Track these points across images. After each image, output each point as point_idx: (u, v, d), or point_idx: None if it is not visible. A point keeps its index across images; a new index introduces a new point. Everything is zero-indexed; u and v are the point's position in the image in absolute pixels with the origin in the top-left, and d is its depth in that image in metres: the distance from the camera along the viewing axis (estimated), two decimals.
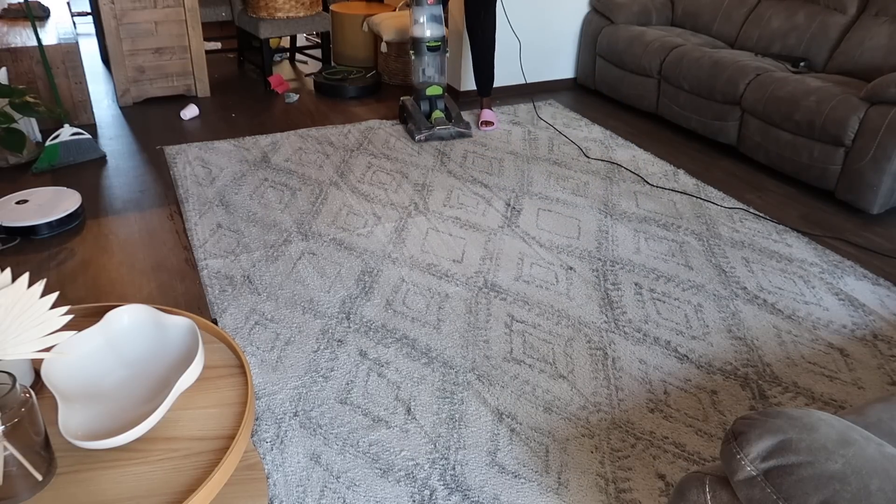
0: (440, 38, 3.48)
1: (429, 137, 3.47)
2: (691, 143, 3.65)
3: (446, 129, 3.49)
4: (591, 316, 2.20)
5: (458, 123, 3.55)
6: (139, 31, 3.78)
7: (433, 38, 3.45)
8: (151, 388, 1.18)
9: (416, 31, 3.45)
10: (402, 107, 3.67)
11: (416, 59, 3.50)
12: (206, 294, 2.23)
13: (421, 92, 3.58)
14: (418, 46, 3.47)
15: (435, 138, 3.48)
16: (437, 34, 3.46)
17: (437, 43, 3.47)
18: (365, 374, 1.90)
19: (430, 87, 3.54)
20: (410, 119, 3.54)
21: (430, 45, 3.45)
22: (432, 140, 3.47)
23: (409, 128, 3.55)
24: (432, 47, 3.46)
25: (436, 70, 3.54)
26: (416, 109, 3.58)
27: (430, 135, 3.46)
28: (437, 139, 3.48)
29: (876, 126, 2.74)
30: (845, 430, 0.94)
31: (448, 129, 3.50)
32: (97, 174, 3.08)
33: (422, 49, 3.47)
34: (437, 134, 3.47)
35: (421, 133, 3.45)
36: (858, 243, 2.71)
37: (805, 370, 2.00)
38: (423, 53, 3.48)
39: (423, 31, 3.44)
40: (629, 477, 1.62)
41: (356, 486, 1.56)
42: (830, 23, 3.42)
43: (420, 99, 3.60)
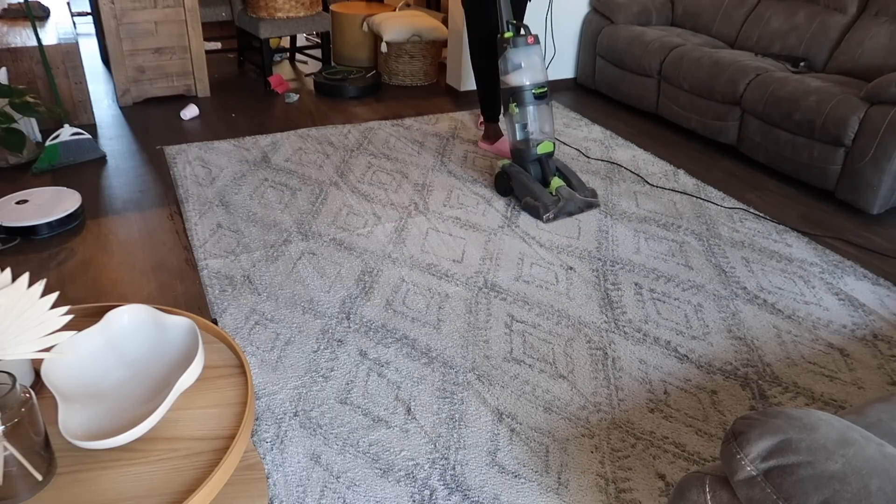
0: (545, 83, 2.83)
1: (559, 214, 2.77)
2: (691, 143, 3.65)
3: (575, 203, 2.80)
4: (591, 316, 2.20)
5: (582, 191, 2.86)
6: (139, 31, 3.78)
7: (538, 84, 2.80)
8: (151, 388, 1.18)
9: (515, 78, 2.78)
10: (504, 176, 2.92)
11: (518, 112, 2.81)
12: (206, 294, 2.23)
13: (528, 152, 2.85)
14: (520, 96, 2.79)
15: (564, 214, 2.79)
16: (541, 78, 2.82)
17: (543, 89, 2.81)
18: (365, 374, 1.90)
19: (542, 145, 2.83)
20: (524, 191, 2.82)
21: (536, 92, 2.79)
22: (561, 217, 2.79)
23: (526, 203, 2.81)
24: (539, 94, 2.80)
25: (545, 122, 2.86)
26: (528, 178, 2.83)
27: (559, 210, 2.76)
28: (566, 215, 2.80)
29: (876, 126, 2.74)
30: (845, 430, 0.94)
31: (577, 203, 2.80)
32: (97, 174, 3.08)
33: (526, 98, 2.78)
34: (566, 208, 2.78)
35: (549, 211, 2.74)
36: (858, 243, 2.71)
37: (805, 370, 2.00)
38: (527, 104, 2.79)
39: (524, 77, 2.78)
40: (629, 477, 1.62)
41: (356, 486, 1.56)
42: (830, 23, 3.42)
43: (526, 161, 2.87)
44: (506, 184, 2.92)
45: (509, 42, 2.77)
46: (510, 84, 2.81)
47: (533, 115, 2.81)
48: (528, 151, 2.84)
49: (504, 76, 2.82)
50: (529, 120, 2.81)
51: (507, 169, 2.91)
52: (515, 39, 2.76)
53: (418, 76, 4.50)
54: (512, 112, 2.83)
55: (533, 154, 2.85)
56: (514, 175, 2.87)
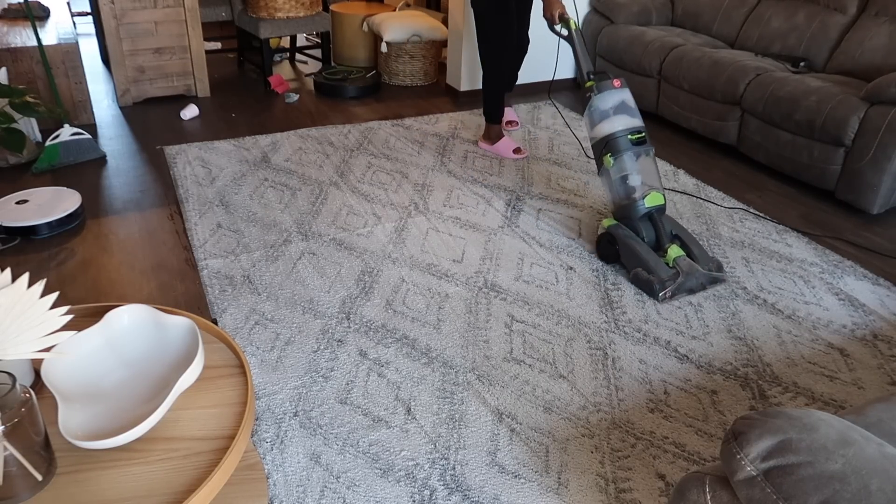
0: (643, 128, 2.46)
1: (677, 291, 2.29)
2: (691, 143, 3.65)
3: (697, 279, 2.32)
4: (591, 316, 2.20)
5: (705, 262, 2.36)
6: (139, 31, 3.78)
7: (634, 130, 2.43)
8: (151, 388, 1.18)
9: (607, 125, 2.44)
10: (610, 239, 2.44)
11: (615, 165, 2.41)
12: (206, 294, 2.23)
13: (634, 207, 2.39)
14: (615, 145, 2.41)
15: (685, 291, 2.31)
16: (638, 123, 2.46)
17: (641, 135, 2.43)
18: (365, 374, 1.90)
19: (650, 196, 2.39)
20: (634, 261, 2.36)
21: (633, 138, 2.41)
22: (680, 295, 2.31)
23: (639, 277, 2.34)
24: (637, 141, 2.42)
25: (647, 171, 2.44)
26: (639, 244, 2.36)
27: (678, 287, 2.28)
28: (686, 293, 2.32)
29: (876, 126, 2.74)
30: (845, 430, 0.94)
31: (699, 279, 2.33)
32: (97, 174, 3.08)
33: (622, 146, 2.40)
34: (687, 285, 2.30)
35: (665, 288, 2.27)
36: (858, 243, 2.71)
37: (805, 370, 2.00)
38: (624, 151, 2.40)
39: (616, 124, 2.43)
40: (629, 477, 1.62)
41: (356, 486, 1.56)
42: (830, 23, 3.42)
43: (634, 220, 2.40)
44: (611, 249, 2.45)
45: (594, 89, 2.48)
46: (601, 135, 2.46)
47: (632, 165, 2.41)
48: (636, 206, 2.40)
49: (593, 128, 2.50)
50: (629, 170, 2.41)
51: (612, 230, 2.44)
52: (599, 84, 2.47)
53: (418, 76, 4.50)
54: (608, 165, 2.44)
55: (641, 208, 2.39)
56: (621, 239, 2.39)
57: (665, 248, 2.36)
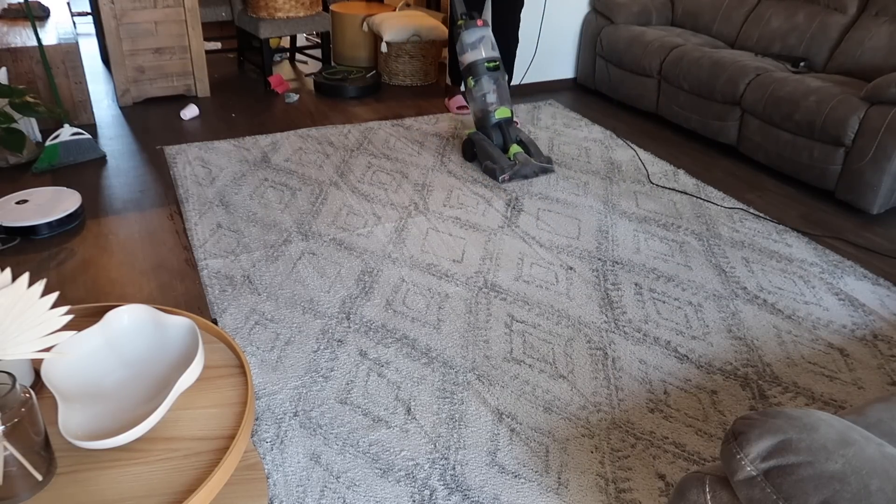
0: (497, 59, 3.22)
1: (514, 176, 3.10)
2: (691, 143, 3.65)
3: (530, 167, 3.12)
4: (591, 316, 2.20)
5: (539, 158, 3.20)
6: (139, 31, 3.78)
7: (491, 59, 3.20)
8: (151, 388, 1.18)
9: (471, 55, 3.20)
10: (469, 142, 3.28)
11: (475, 85, 3.20)
12: (206, 294, 2.23)
13: (488, 119, 3.22)
14: (476, 70, 3.19)
15: (519, 177, 3.12)
16: (493, 54, 3.22)
17: (495, 63, 3.20)
18: (365, 374, 1.90)
19: (500, 110, 3.19)
20: (485, 156, 3.16)
21: (489, 65, 3.18)
22: (517, 179, 3.12)
23: (486, 166, 3.15)
24: (492, 68, 3.19)
25: (500, 91, 3.23)
26: (489, 143, 3.19)
27: (514, 173, 3.08)
28: (521, 178, 3.13)
29: (876, 126, 2.74)
30: (845, 430, 0.94)
31: (532, 167, 3.12)
32: (97, 174, 3.08)
33: (480, 70, 3.18)
34: (521, 172, 3.10)
35: (504, 172, 3.07)
36: (858, 243, 2.71)
37: (805, 370, 2.00)
38: (482, 74, 3.18)
39: (478, 53, 3.19)
40: (629, 477, 1.62)
41: (356, 486, 1.56)
42: (830, 23, 3.42)
43: (488, 128, 3.22)
44: (470, 150, 3.28)
45: (462, 27, 3.24)
46: (466, 62, 3.23)
47: (489, 86, 3.20)
48: (489, 118, 3.22)
49: (461, 56, 3.25)
50: (486, 90, 3.20)
51: (472, 136, 3.27)
52: (467, 23, 3.22)
53: (418, 76, 4.50)
54: (470, 86, 3.23)
55: (492, 119, 3.21)
56: (477, 141, 3.23)
57: (508, 146, 3.20)
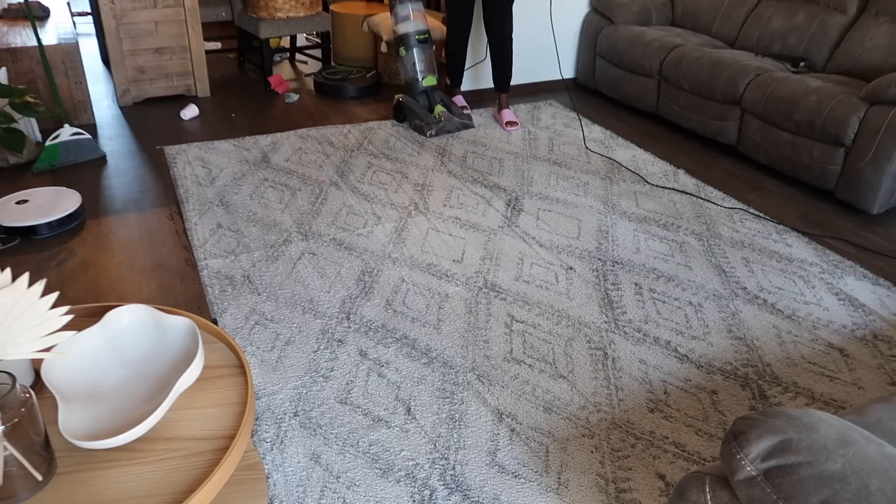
0: (427, 31, 3.60)
1: (439, 132, 3.52)
2: (691, 143, 3.65)
3: (452, 123, 3.56)
4: (591, 316, 2.20)
5: (460, 116, 3.64)
6: (139, 31, 3.78)
7: (420, 31, 3.57)
8: (151, 388, 1.18)
9: (403, 27, 3.56)
10: (399, 106, 3.66)
11: (406, 54, 3.58)
12: (206, 294, 2.23)
13: (417, 86, 3.63)
14: (407, 41, 3.57)
15: (444, 132, 3.54)
16: (423, 27, 3.58)
17: (424, 35, 3.58)
18: (365, 374, 1.90)
19: (427, 79, 3.61)
20: (414, 116, 3.57)
21: (419, 37, 3.56)
22: (442, 134, 3.54)
23: (415, 124, 3.56)
24: (422, 40, 3.57)
25: (427, 62, 3.61)
26: (417, 105, 3.61)
27: (440, 129, 3.51)
28: (446, 133, 3.55)
29: (876, 126, 2.74)
30: (845, 430, 0.94)
31: (454, 123, 3.58)
32: (97, 174, 3.08)
33: (411, 42, 3.56)
34: (446, 128, 3.53)
35: (431, 128, 3.49)
36: (858, 243, 2.71)
37: (805, 370, 2.00)
38: (412, 47, 3.56)
39: (409, 26, 3.56)
40: (629, 477, 1.62)
41: (356, 486, 1.56)
42: (830, 23, 3.42)
43: (417, 93, 3.64)
44: (401, 111, 3.65)
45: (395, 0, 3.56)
46: (399, 32, 3.57)
47: (418, 56, 3.58)
48: (417, 85, 3.63)
49: (394, 27, 3.58)
50: (416, 59, 3.58)
51: (401, 100, 3.65)
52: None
53: None
54: (402, 55, 3.61)
55: (420, 86, 3.63)
56: (406, 104, 3.61)
57: (433, 107, 3.63)
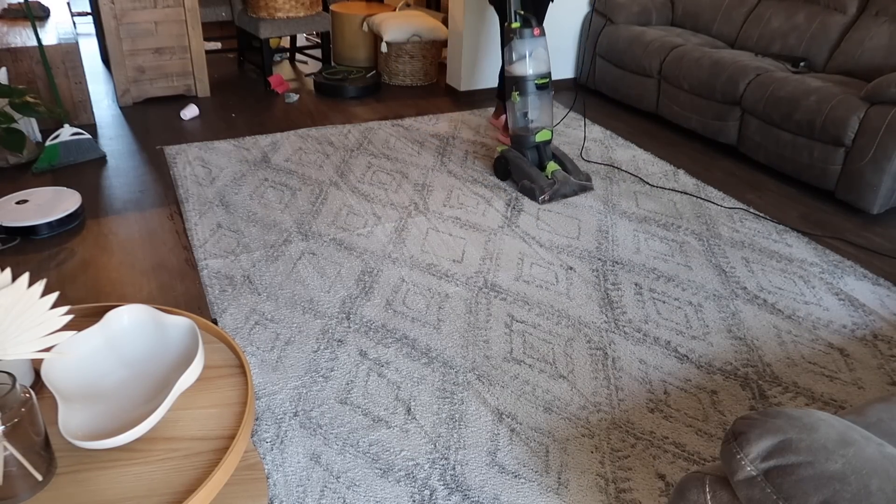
0: (548, 74, 2.96)
1: (553, 196, 2.92)
2: (691, 143, 3.65)
3: (570, 186, 2.96)
4: (591, 316, 2.20)
5: (577, 175, 3.03)
6: (139, 31, 3.78)
7: (540, 75, 2.93)
8: (151, 388, 1.18)
9: (519, 67, 2.92)
10: (503, 160, 3.06)
11: (519, 101, 2.95)
12: (206, 294, 2.23)
13: (526, 139, 3.00)
14: (523, 86, 2.93)
15: (559, 196, 2.94)
16: (544, 69, 2.95)
17: (545, 80, 2.95)
18: (365, 374, 1.90)
19: (541, 133, 2.98)
20: (521, 175, 2.98)
21: (538, 82, 2.92)
22: (556, 199, 2.94)
23: (523, 186, 2.97)
24: (541, 85, 2.93)
25: (544, 112, 2.99)
26: (525, 162, 2.99)
27: (553, 192, 2.91)
28: (560, 197, 2.95)
29: (876, 126, 2.74)
30: (845, 430, 0.94)
31: (571, 186, 2.96)
32: (97, 174, 3.08)
33: (527, 88, 2.92)
34: (561, 191, 2.93)
35: (544, 192, 2.89)
36: (858, 243, 2.71)
37: (805, 370, 2.00)
38: (528, 93, 2.93)
39: (527, 68, 2.91)
40: (629, 477, 1.62)
41: (356, 486, 1.56)
42: (830, 23, 3.42)
43: (525, 147, 3.02)
44: (504, 168, 3.07)
45: (516, 33, 2.87)
46: (514, 73, 2.93)
47: (533, 104, 2.94)
48: (527, 138, 2.99)
49: (509, 65, 2.95)
50: (530, 108, 2.95)
51: (505, 154, 3.05)
52: (522, 31, 2.86)
53: (418, 76, 4.50)
54: (514, 100, 2.96)
55: (531, 141, 2.99)
56: (511, 160, 3.01)
57: (545, 165, 2.99)
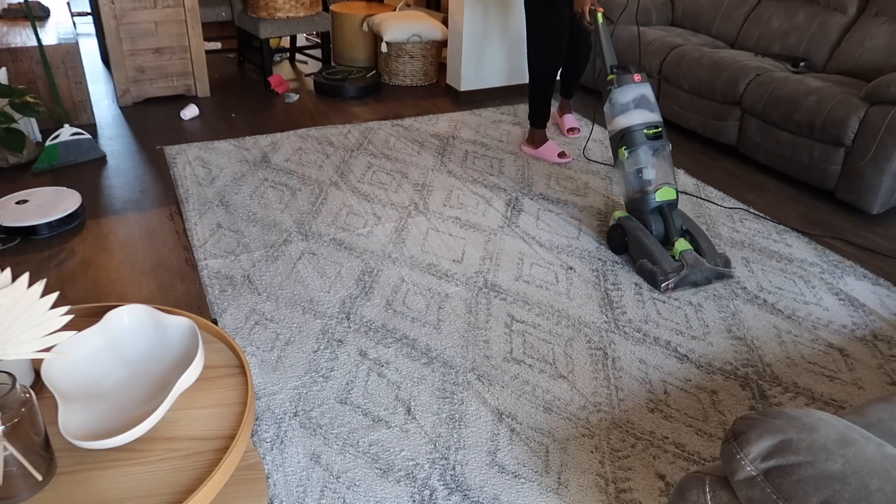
0: (660, 124, 2.50)
1: (680, 284, 2.34)
2: (691, 143, 3.65)
3: (702, 273, 2.35)
4: (591, 316, 2.20)
5: (712, 257, 2.39)
6: (139, 31, 3.78)
7: (651, 125, 2.47)
8: (151, 388, 1.18)
9: (625, 119, 2.48)
10: (619, 230, 2.50)
11: (629, 157, 2.46)
12: (206, 294, 2.23)
13: (646, 202, 2.44)
14: (632, 138, 2.45)
15: (688, 284, 2.35)
16: (654, 118, 2.49)
17: (657, 129, 2.47)
18: (365, 374, 1.90)
19: (662, 191, 2.42)
20: (641, 252, 2.41)
21: (648, 133, 2.45)
22: (684, 288, 2.36)
23: (643, 267, 2.39)
24: (653, 136, 2.46)
25: (661, 167, 2.46)
26: (646, 235, 2.41)
27: (681, 279, 2.33)
28: (690, 286, 2.36)
29: (876, 126, 2.74)
30: (845, 430, 0.94)
31: (704, 273, 2.35)
32: (97, 174, 3.08)
33: (638, 139, 2.45)
34: (691, 279, 2.34)
35: (668, 279, 2.32)
36: (858, 243, 2.71)
37: (805, 370, 2.00)
38: (640, 144, 2.45)
39: (634, 117, 2.47)
40: (629, 477, 1.62)
41: (356, 486, 1.56)
42: (830, 23, 3.42)
43: (646, 213, 2.44)
44: (620, 240, 2.51)
45: (613, 83, 2.52)
46: (618, 127, 2.51)
47: (647, 159, 2.45)
48: (647, 199, 2.44)
49: (611, 120, 2.54)
50: (643, 163, 2.45)
51: (622, 222, 2.49)
52: (620, 78, 2.52)
53: (418, 76, 4.50)
54: (622, 158, 2.49)
55: (652, 201, 2.43)
56: (630, 231, 2.45)
57: (673, 241, 2.41)
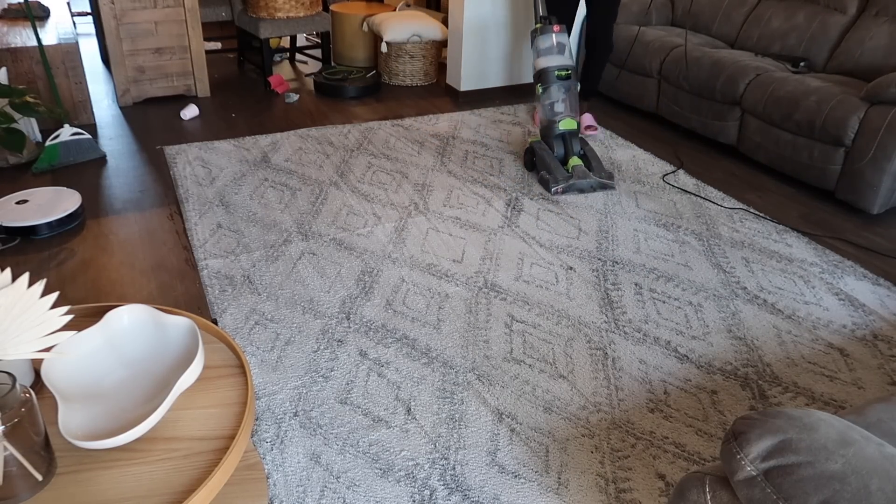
0: (570, 67, 3.11)
1: (567, 190, 2.99)
2: (691, 143, 3.65)
3: (587, 181, 2.99)
4: (591, 316, 2.20)
5: (599, 173, 3.04)
6: (139, 31, 3.78)
7: (563, 67, 3.08)
8: (151, 388, 1.18)
9: (543, 61, 3.10)
10: (530, 151, 3.18)
11: (543, 93, 3.10)
12: (206, 294, 2.23)
13: (552, 128, 3.10)
14: (546, 77, 3.09)
15: (574, 191, 3.01)
16: (566, 62, 3.11)
17: (567, 72, 3.09)
18: (365, 374, 1.90)
19: (564, 121, 3.07)
20: (542, 166, 3.06)
21: (559, 74, 3.07)
22: (571, 192, 3.00)
23: (541, 177, 3.06)
24: (562, 76, 3.07)
25: (568, 103, 3.10)
26: (548, 154, 3.08)
27: (567, 186, 2.98)
28: (576, 192, 3.01)
29: (876, 126, 2.74)
30: (845, 430, 0.94)
31: (589, 181, 3.00)
32: (97, 174, 3.08)
33: (550, 78, 3.07)
34: (577, 186, 2.99)
35: (557, 184, 2.96)
36: (858, 243, 2.71)
37: (805, 370, 2.00)
38: (551, 83, 3.07)
39: (550, 61, 3.09)
40: (629, 477, 1.62)
41: (356, 486, 1.56)
42: (830, 23, 3.42)
43: (552, 138, 3.11)
44: (530, 159, 3.19)
45: (538, 30, 3.12)
46: (538, 67, 3.12)
47: (557, 94, 3.08)
48: (553, 127, 3.10)
49: (534, 61, 3.15)
50: (554, 98, 3.08)
51: (533, 145, 3.16)
52: (543, 27, 3.10)
53: (418, 76, 4.50)
54: (538, 93, 3.13)
55: (556, 130, 3.09)
56: (537, 150, 3.11)
57: (568, 159, 3.07)
